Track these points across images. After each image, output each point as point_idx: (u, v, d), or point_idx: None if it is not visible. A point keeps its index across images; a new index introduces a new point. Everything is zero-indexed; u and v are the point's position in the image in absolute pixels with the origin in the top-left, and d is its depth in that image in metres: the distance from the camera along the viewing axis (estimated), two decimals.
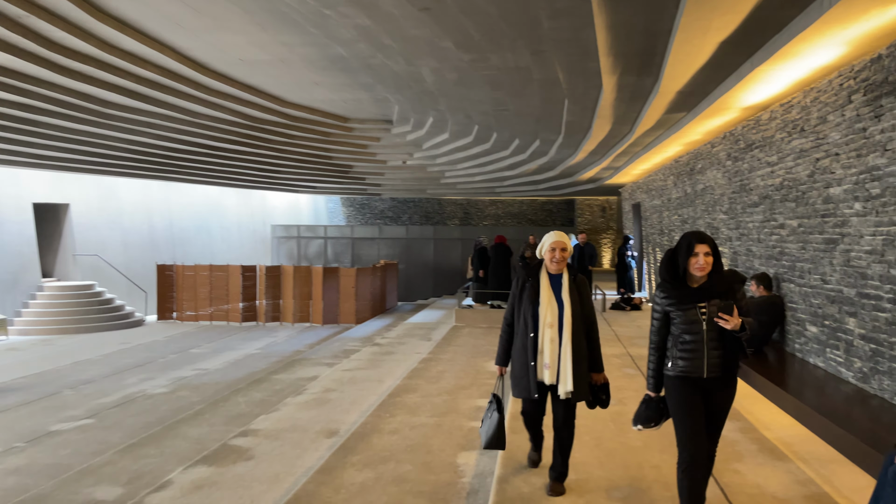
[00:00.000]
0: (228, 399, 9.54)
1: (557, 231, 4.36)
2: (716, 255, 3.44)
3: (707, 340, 3.48)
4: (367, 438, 6.02)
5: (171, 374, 11.94)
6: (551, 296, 4.21)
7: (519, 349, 4.30)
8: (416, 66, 8.73)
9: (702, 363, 3.48)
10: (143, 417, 9.03)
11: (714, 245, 3.44)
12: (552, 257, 4.22)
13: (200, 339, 16.42)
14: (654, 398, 3.75)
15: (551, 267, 4.26)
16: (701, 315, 3.47)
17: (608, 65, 7.07)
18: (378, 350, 12.01)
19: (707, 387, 3.54)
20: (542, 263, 4.35)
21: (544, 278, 4.27)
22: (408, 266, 26.80)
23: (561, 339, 4.13)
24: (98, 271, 19.50)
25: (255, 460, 6.14)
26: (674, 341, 3.60)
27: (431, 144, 14.74)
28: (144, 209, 21.26)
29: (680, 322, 3.54)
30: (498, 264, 14.58)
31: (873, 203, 4.96)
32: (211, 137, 13.50)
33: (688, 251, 3.44)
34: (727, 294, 3.45)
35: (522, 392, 4.31)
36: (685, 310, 3.50)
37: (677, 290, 3.53)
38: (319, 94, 10.89)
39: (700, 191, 10.61)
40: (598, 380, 4.30)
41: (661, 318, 3.66)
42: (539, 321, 4.19)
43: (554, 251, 4.22)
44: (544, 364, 4.18)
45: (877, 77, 4.85)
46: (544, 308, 4.18)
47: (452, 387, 8.04)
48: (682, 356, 3.54)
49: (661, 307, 3.64)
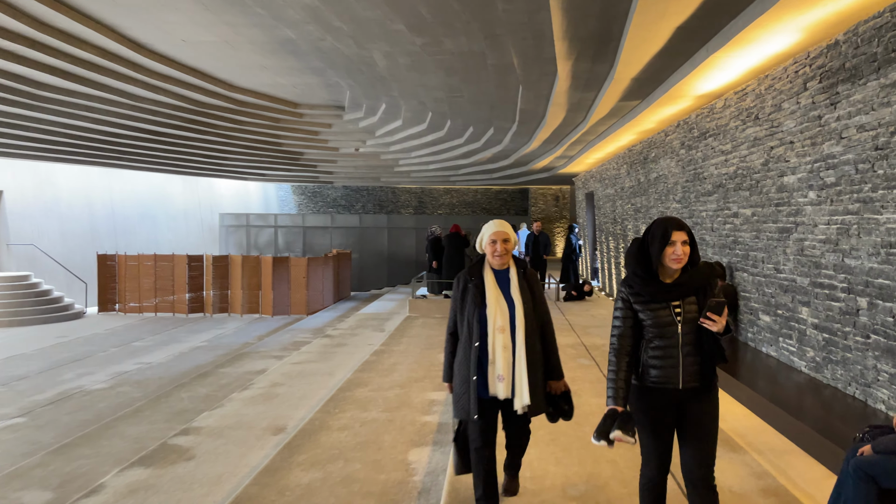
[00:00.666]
0: (171, 395, 9.15)
1: (497, 220, 3.77)
2: (693, 245, 2.99)
3: (682, 345, 3.00)
4: (315, 436, 5.78)
5: (111, 369, 11.44)
6: (499, 295, 3.62)
7: (460, 362, 3.64)
8: (367, 50, 8.46)
9: (676, 371, 3.00)
10: (80, 415, 8.59)
11: (691, 233, 3.01)
12: (494, 251, 3.67)
13: (144, 331, 15.84)
14: (622, 413, 3.09)
15: (494, 261, 3.70)
16: (676, 316, 3.00)
17: (563, 50, 6.93)
18: (329, 342, 11.73)
19: (682, 398, 3.07)
20: (484, 259, 3.78)
21: (489, 276, 3.69)
22: (361, 255, 26.45)
23: (514, 344, 3.54)
24: (34, 261, 18.62)
25: (196, 460, 5.84)
26: (644, 346, 3.10)
27: (385, 132, 14.46)
28: (84, 197, 20.38)
29: (651, 324, 3.04)
30: (452, 254, 14.41)
31: (828, 192, 4.93)
32: (154, 122, 12.95)
33: (663, 240, 2.96)
34: (704, 290, 3.02)
35: (462, 413, 3.62)
36: (656, 309, 3.01)
37: (648, 285, 3.02)
38: (268, 78, 10.52)
39: (653, 180, 10.61)
40: (557, 388, 3.72)
41: (626, 318, 3.11)
42: (487, 326, 3.57)
43: (495, 244, 3.66)
44: (497, 376, 3.54)
45: (833, 64, 4.80)
46: (492, 310, 3.57)
47: (405, 379, 7.84)
48: (653, 364, 3.05)
49: (626, 304, 3.11)
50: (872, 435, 3.36)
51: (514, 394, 3.51)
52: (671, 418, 3.10)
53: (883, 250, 4.27)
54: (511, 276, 3.70)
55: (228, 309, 19.01)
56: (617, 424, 2.97)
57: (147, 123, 12.98)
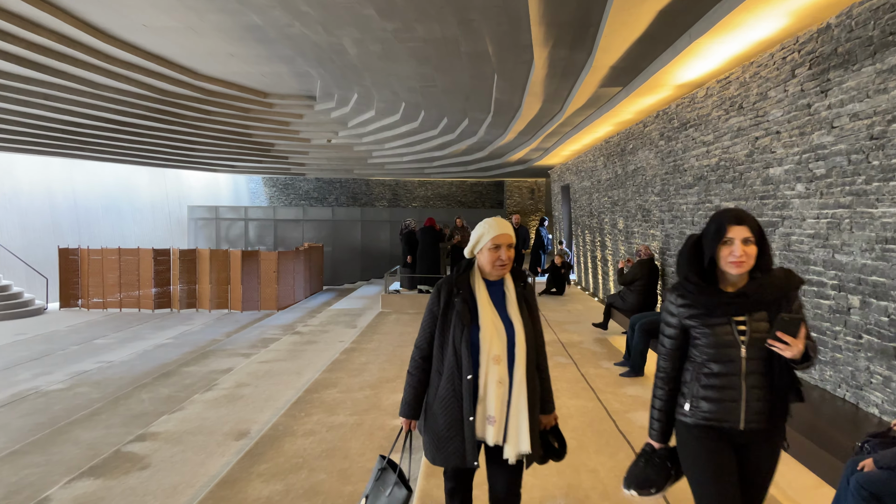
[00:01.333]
0: (131, 396, 8.75)
1: (498, 219, 2.92)
2: (762, 245, 2.36)
3: (746, 373, 2.37)
4: (279, 442, 5.45)
5: (70, 368, 10.96)
6: (495, 315, 2.83)
7: (446, 397, 2.81)
8: (337, 37, 8.10)
9: (737, 407, 2.38)
10: (34, 418, 8.16)
11: (759, 229, 2.37)
12: (496, 259, 2.85)
13: (107, 328, 15.30)
14: (660, 450, 2.61)
15: (492, 272, 2.89)
16: (738, 335, 2.37)
17: (540, 36, 6.64)
18: (299, 339, 11.37)
19: (742, 441, 2.44)
20: (472, 266, 2.96)
21: (481, 289, 2.88)
22: (334, 249, 26.00)
23: (512, 378, 2.78)
24: None
25: (151, 469, 5.48)
26: (695, 372, 2.47)
27: (357, 122, 14.09)
28: (45, 188, 19.65)
29: (705, 344, 2.42)
30: (427, 248, 14.10)
31: (817, 184, 4.70)
32: (117, 111, 12.43)
33: (716, 237, 2.36)
34: (778, 304, 2.37)
35: (451, 459, 2.84)
36: (714, 325, 2.39)
37: (704, 294, 2.41)
38: (235, 66, 10.11)
39: (631, 172, 10.38)
40: (546, 423, 3.03)
41: (676, 337, 2.52)
42: (480, 353, 2.78)
43: (498, 250, 2.84)
44: (487, 417, 2.77)
45: (824, 49, 4.56)
46: (487, 334, 2.78)
47: (376, 380, 7.53)
48: (707, 395, 2.42)
49: (677, 319, 2.50)
50: (873, 446, 3.10)
51: (507, 439, 2.77)
52: (731, 460, 2.44)
53: (878, 246, 4.04)
54: (508, 291, 2.90)
55: (196, 304, 18.49)
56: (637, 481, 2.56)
57: (110, 112, 12.46)
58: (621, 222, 11.20)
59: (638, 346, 6.82)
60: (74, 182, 20.69)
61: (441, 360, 2.87)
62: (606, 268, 12.57)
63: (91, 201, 21.45)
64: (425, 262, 14.06)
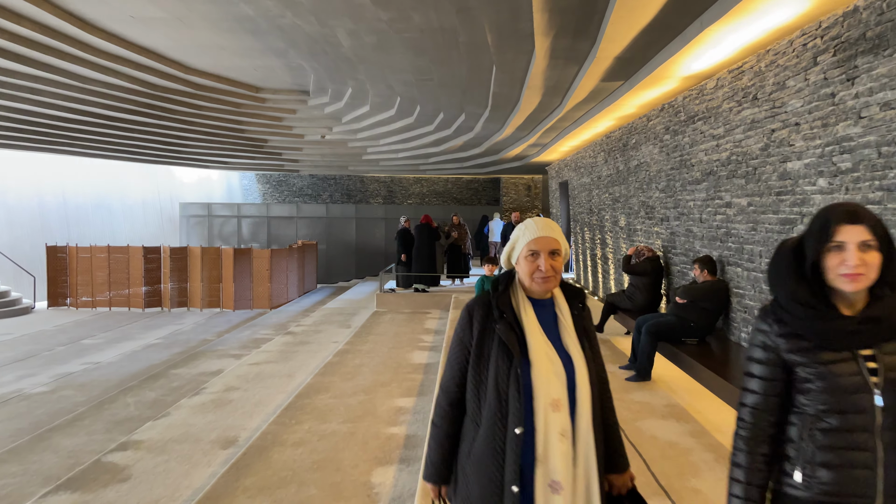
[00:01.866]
0: (116, 400, 8.42)
1: (539, 219, 2.20)
2: (888, 250, 1.72)
3: (883, 428, 1.70)
4: (267, 453, 5.13)
5: (55, 370, 10.61)
6: (548, 346, 2.09)
7: (483, 457, 2.06)
8: (329, 28, 7.79)
9: (872, 476, 1.71)
10: (14, 423, 7.83)
11: (883, 229, 1.73)
12: (535, 270, 2.12)
13: (95, 327, 14.94)
14: None
15: (535, 287, 2.15)
16: (868, 374, 1.72)
17: (542, 24, 6.33)
18: (291, 340, 11.05)
19: None
20: (513, 279, 2.23)
21: (528, 311, 2.14)
22: (328, 246, 25.66)
23: (576, 431, 2.03)
24: None
25: (131, 482, 5.16)
26: (805, 427, 1.78)
27: (352, 118, 13.77)
28: (33, 185, 19.24)
29: (821, 388, 1.75)
30: (423, 246, 13.79)
31: (842, 179, 4.40)
32: (106, 106, 12.09)
33: (820, 240, 1.75)
34: None
35: None
36: (833, 362, 1.74)
37: (816, 319, 1.76)
38: (227, 59, 9.79)
39: (634, 167, 10.08)
40: (620, 485, 2.26)
41: (774, 378, 1.84)
42: (534, 399, 2.02)
43: (536, 258, 2.12)
44: (550, 484, 1.98)
45: (851, 34, 4.25)
46: (543, 371, 2.04)
47: (370, 384, 7.22)
48: (826, 460, 1.73)
49: (774, 354, 1.84)
50: None
51: None
52: None
53: None
54: (561, 314, 2.17)
55: (187, 303, 18.13)
56: None
57: (98, 107, 12.12)
58: (623, 219, 10.90)
59: (645, 348, 6.52)
60: (63, 178, 20.29)
61: (477, 406, 2.12)
62: (607, 266, 12.27)
63: (81, 198, 21.06)
64: (421, 260, 13.75)
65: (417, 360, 8.37)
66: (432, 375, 7.49)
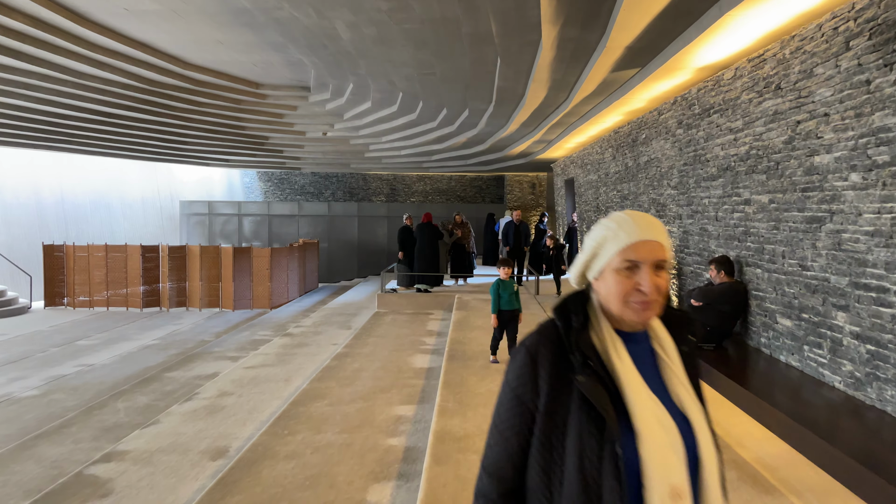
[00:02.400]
0: (106, 405, 8.11)
1: (641, 213, 1.49)
2: None
3: None
4: (257, 467, 4.81)
5: (48, 372, 10.32)
6: (656, 405, 1.39)
7: None
8: (329, 20, 7.49)
9: None
10: (1, 429, 7.53)
11: None
12: (629, 291, 1.43)
13: (92, 328, 14.64)
14: None
15: (631, 316, 1.44)
16: None
17: (549, 13, 6.00)
18: (290, 341, 10.73)
19: None
20: (587, 302, 1.53)
21: (618, 350, 1.43)
22: (330, 245, 25.34)
23: None
24: None
25: (112, 497, 4.85)
26: None
27: (353, 114, 13.45)
28: (30, 183, 18.96)
29: None
30: (424, 245, 13.44)
31: (878, 173, 4.05)
32: (103, 102, 11.79)
33: None
34: None
35: None
36: None
37: None
38: (225, 54, 9.49)
39: (644, 164, 9.72)
40: None
41: None
42: (648, 486, 1.31)
43: (635, 271, 1.44)
44: None
45: (889, 15, 3.89)
46: (656, 448, 1.33)
47: (369, 390, 6.88)
48: None
49: None
50: None
51: None
52: None
53: None
54: (663, 351, 1.50)
55: (186, 303, 17.83)
56: None
57: (94, 103, 11.82)
58: None
59: None
60: (61, 176, 20.01)
61: (548, 500, 1.40)
62: None
63: (79, 196, 20.77)
64: (423, 259, 13.41)
65: (419, 364, 8.04)
66: (434, 381, 7.16)
